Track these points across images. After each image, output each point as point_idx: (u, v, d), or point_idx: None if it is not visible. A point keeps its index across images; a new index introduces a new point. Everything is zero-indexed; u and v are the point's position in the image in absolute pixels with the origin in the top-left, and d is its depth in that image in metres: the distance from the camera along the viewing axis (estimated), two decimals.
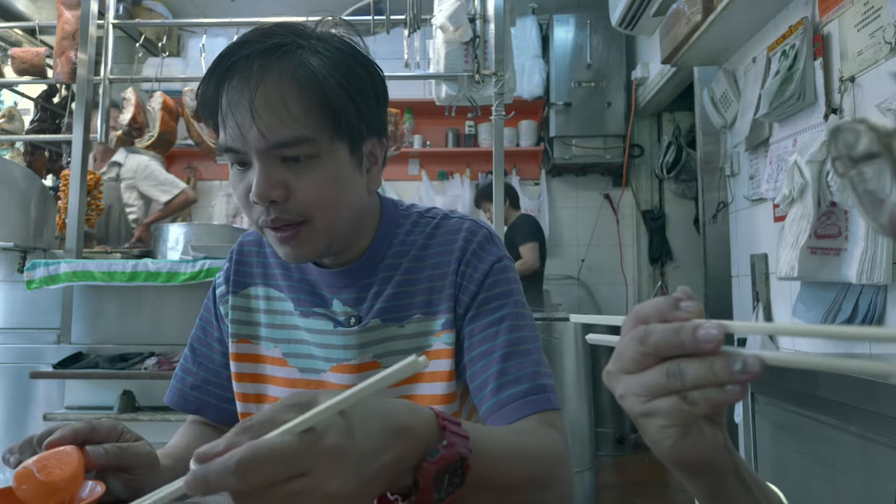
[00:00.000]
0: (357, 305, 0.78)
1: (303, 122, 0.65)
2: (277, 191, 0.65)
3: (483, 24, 2.24)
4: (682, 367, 0.36)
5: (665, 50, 2.41)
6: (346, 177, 0.70)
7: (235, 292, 0.84)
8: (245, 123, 0.64)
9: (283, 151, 0.65)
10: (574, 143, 3.99)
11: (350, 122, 0.68)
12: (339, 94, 0.67)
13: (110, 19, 2.36)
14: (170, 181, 3.10)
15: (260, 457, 0.38)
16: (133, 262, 1.91)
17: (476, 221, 0.81)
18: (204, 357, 0.87)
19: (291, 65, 0.65)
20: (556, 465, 0.64)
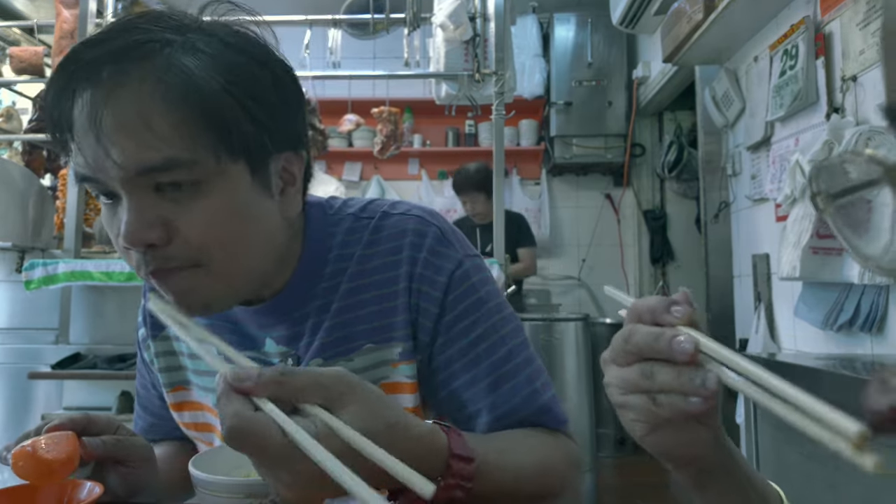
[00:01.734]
0: (293, 343, 0.64)
1: (174, 142, 0.49)
2: (154, 231, 0.51)
3: (483, 22, 2.24)
4: (654, 370, 0.38)
5: (666, 49, 2.41)
6: (248, 205, 0.54)
7: (154, 336, 0.72)
8: (95, 148, 0.49)
9: (157, 176, 0.50)
10: (575, 142, 3.98)
11: (245, 137, 0.52)
12: (228, 103, 0.51)
13: (109, 18, 2.35)
14: None
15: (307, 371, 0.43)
16: None
17: (422, 218, 0.66)
18: (146, 401, 0.79)
19: (157, 67, 0.49)
20: (563, 473, 0.62)
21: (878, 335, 1.57)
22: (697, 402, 0.36)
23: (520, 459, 0.58)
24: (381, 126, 2.60)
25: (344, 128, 2.79)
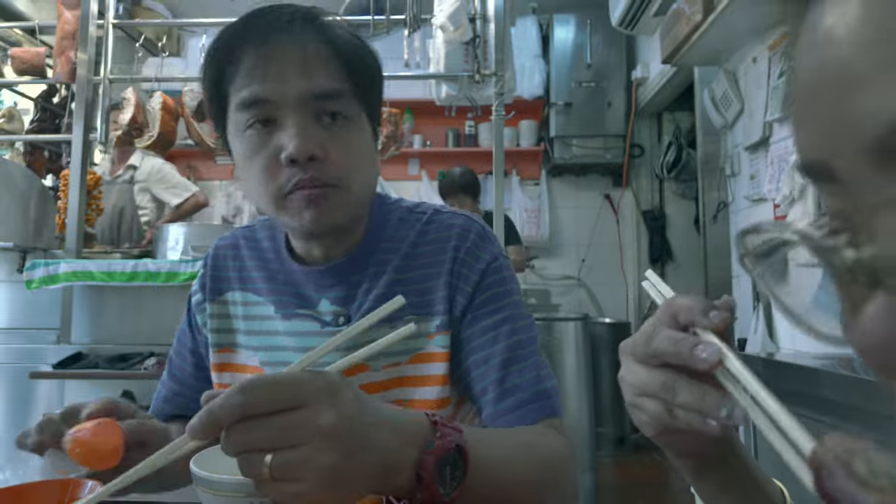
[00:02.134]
0: (346, 304, 0.73)
1: (341, 78, 0.65)
2: (318, 148, 0.63)
3: (483, 23, 2.24)
4: (676, 387, 0.37)
5: (665, 50, 2.41)
6: (369, 150, 0.70)
7: (212, 300, 0.80)
8: (289, 71, 0.62)
9: (323, 104, 0.64)
10: (574, 143, 3.98)
11: (372, 96, 0.69)
12: (367, 69, 0.68)
13: (110, 19, 2.36)
14: (182, 184, 3.11)
15: (264, 379, 0.42)
16: (133, 262, 1.91)
17: (469, 217, 0.77)
18: (178, 369, 0.83)
19: (327, 30, 0.66)
20: (557, 467, 0.63)
21: None
22: (716, 425, 0.35)
23: (508, 440, 0.62)
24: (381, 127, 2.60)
25: None
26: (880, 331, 0.22)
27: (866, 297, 0.22)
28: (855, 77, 0.22)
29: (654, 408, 0.39)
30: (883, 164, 0.21)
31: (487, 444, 0.55)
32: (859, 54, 0.22)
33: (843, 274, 0.23)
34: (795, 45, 0.26)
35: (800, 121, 0.25)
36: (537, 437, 0.65)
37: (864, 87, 0.21)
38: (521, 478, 0.58)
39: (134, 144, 2.38)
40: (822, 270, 0.24)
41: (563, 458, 0.65)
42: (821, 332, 0.26)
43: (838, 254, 0.22)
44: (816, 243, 0.24)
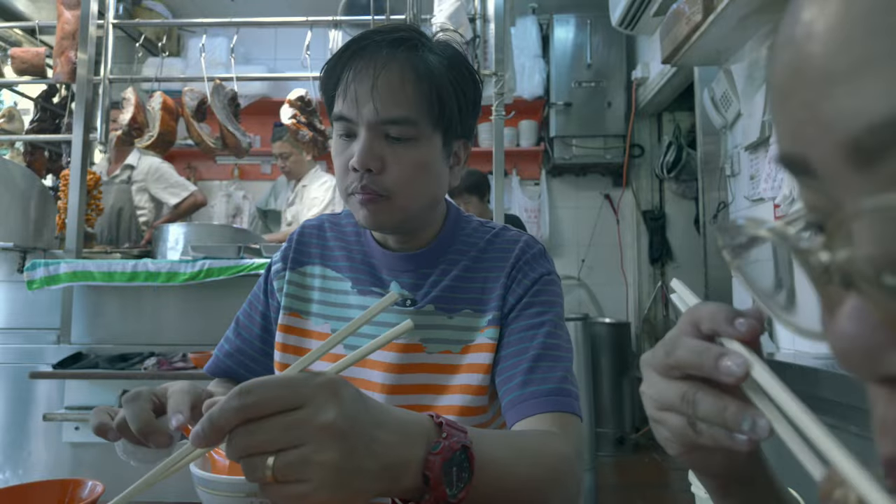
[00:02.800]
0: (414, 290, 0.82)
1: (412, 107, 0.73)
2: (376, 162, 0.73)
3: (483, 23, 2.24)
4: (697, 398, 0.35)
5: (665, 50, 2.41)
6: (434, 165, 0.77)
7: (293, 269, 0.89)
8: (364, 97, 0.72)
9: (389, 129, 0.73)
10: (574, 143, 3.99)
11: (450, 118, 0.76)
12: (448, 90, 0.75)
13: (110, 19, 2.36)
14: (180, 183, 3.11)
15: (262, 381, 0.43)
16: (133, 263, 1.91)
17: (533, 237, 0.87)
18: (244, 329, 0.91)
19: (414, 57, 0.74)
20: (562, 469, 0.63)
21: None
22: (744, 440, 0.33)
23: (514, 441, 0.63)
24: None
25: None
26: (852, 332, 0.21)
27: (841, 298, 0.22)
28: (831, 75, 0.21)
29: (676, 422, 0.36)
30: (858, 164, 0.21)
31: (492, 445, 0.56)
32: (836, 52, 0.21)
33: (818, 275, 0.22)
34: (775, 37, 0.25)
35: (777, 114, 0.25)
36: (544, 437, 0.66)
37: (840, 85, 0.21)
38: (526, 479, 0.59)
39: (134, 144, 2.38)
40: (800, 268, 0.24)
41: (568, 461, 0.65)
42: (799, 327, 0.26)
43: (813, 255, 0.22)
44: (792, 244, 0.24)
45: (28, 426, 1.94)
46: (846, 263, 0.21)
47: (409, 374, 0.78)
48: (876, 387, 0.23)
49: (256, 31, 4.31)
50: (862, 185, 0.21)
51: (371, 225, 0.77)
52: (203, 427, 0.42)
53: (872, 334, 0.21)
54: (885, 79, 0.20)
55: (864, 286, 0.21)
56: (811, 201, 0.25)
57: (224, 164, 4.43)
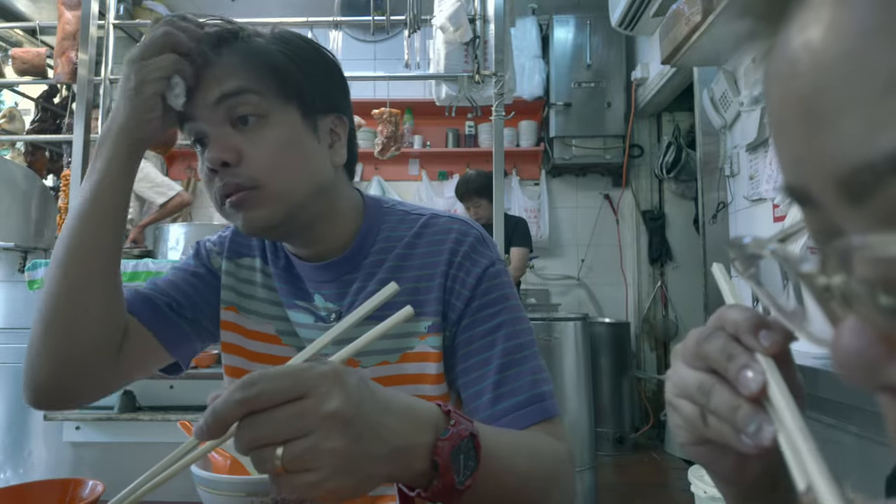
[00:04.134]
0: (338, 301, 0.76)
1: (249, 78, 0.67)
2: (229, 153, 0.66)
3: (483, 24, 2.25)
4: (713, 390, 0.35)
5: (665, 50, 2.42)
6: (300, 142, 0.70)
7: (229, 258, 0.82)
8: (202, 90, 0.68)
9: (230, 108, 0.67)
10: (574, 143, 3.99)
11: (298, 87, 0.69)
12: (283, 60, 0.69)
13: (111, 19, 2.36)
14: (165, 183, 3.12)
15: (265, 373, 0.43)
16: (133, 263, 1.91)
17: (466, 222, 0.78)
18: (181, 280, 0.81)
19: (239, 44, 0.70)
20: (558, 466, 0.64)
21: None
22: (748, 443, 0.33)
23: (514, 437, 0.63)
24: (381, 127, 2.61)
25: None
26: (852, 347, 0.22)
27: (843, 313, 0.23)
28: (817, 114, 0.22)
29: (689, 410, 0.37)
30: (850, 199, 0.22)
31: (496, 438, 0.56)
32: (820, 91, 0.22)
33: (820, 293, 0.23)
34: (767, 66, 0.26)
35: (776, 143, 0.26)
36: (539, 438, 0.66)
37: (826, 125, 0.22)
38: (526, 475, 0.59)
39: None
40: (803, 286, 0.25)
41: (564, 461, 0.65)
42: (811, 334, 0.27)
43: (813, 278, 0.23)
44: (793, 266, 0.24)
45: (28, 426, 1.94)
46: (843, 287, 0.22)
47: None
48: (880, 395, 0.24)
49: None
50: (856, 219, 0.22)
51: (254, 227, 0.69)
52: (207, 420, 0.42)
53: (870, 349, 0.22)
54: (862, 122, 0.20)
55: (860, 307, 0.21)
56: (814, 224, 0.26)
57: None
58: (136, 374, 0.76)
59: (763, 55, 0.27)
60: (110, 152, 0.68)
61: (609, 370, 3.67)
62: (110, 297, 0.70)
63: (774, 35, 0.25)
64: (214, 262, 0.83)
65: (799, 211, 0.27)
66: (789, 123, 0.24)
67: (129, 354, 0.73)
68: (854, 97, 0.21)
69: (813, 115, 0.22)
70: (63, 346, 0.69)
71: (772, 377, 0.33)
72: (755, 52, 1.94)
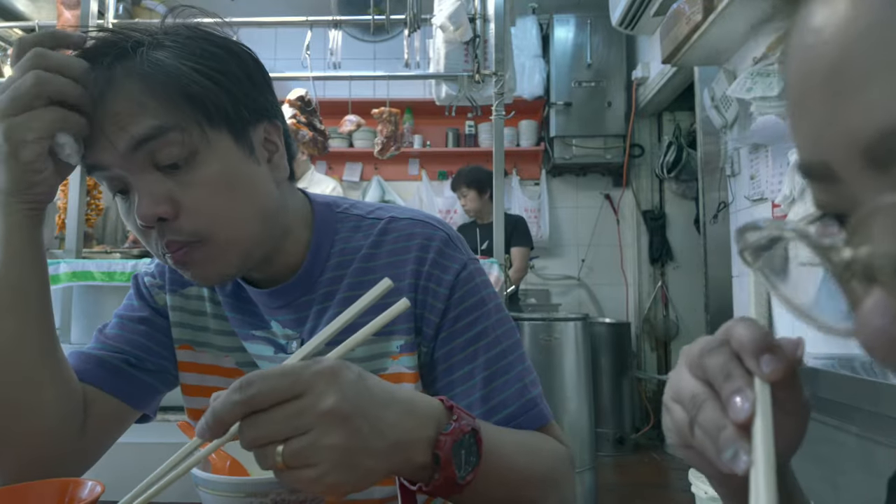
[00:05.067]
0: (298, 327, 0.69)
1: (159, 115, 0.56)
2: (162, 206, 0.56)
3: (483, 23, 2.24)
4: (703, 405, 0.35)
5: (665, 50, 2.41)
6: (240, 172, 0.60)
7: (173, 290, 0.74)
8: (99, 134, 0.56)
9: (153, 154, 0.56)
10: (574, 142, 3.99)
11: (222, 107, 0.59)
12: (197, 79, 0.57)
13: (110, 19, 2.36)
14: None
15: (262, 373, 0.43)
16: (133, 262, 1.91)
17: (430, 223, 0.70)
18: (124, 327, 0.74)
19: (135, 65, 0.56)
20: (558, 466, 0.63)
21: None
22: (728, 461, 0.32)
23: (516, 436, 0.62)
24: (381, 127, 2.60)
25: (344, 128, 2.80)
26: (877, 325, 0.22)
27: (865, 293, 0.23)
28: (843, 82, 0.22)
29: (679, 416, 0.37)
30: (875, 167, 0.22)
31: (497, 435, 0.56)
32: (847, 59, 0.22)
33: (841, 271, 0.23)
34: (787, 43, 0.25)
35: (794, 120, 0.25)
36: (540, 438, 0.65)
37: (852, 93, 0.22)
38: (528, 471, 0.59)
39: None
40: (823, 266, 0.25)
41: (564, 461, 0.65)
42: (825, 325, 0.26)
43: (836, 252, 0.23)
44: (813, 242, 0.24)
45: None
46: (867, 258, 0.21)
47: None
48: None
49: (256, 31, 4.30)
50: (881, 186, 0.22)
51: (208, 281, 0.62)
52: (207, 421, 0.43)
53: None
54: (891, 87, 0.20)
55: (886, 280, 0.21)
56: (830, 203, 0.25)
57: None
58: (108, 442, 0.70)
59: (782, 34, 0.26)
60: (4, 224, 0.58)
61: (609, 370, 3.67)
62: (54, 383, 0.61)
63: (795, 12, 0.25)
64: (159, 299, 0.74)
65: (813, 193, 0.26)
66: (811, 96, 0.24)
67: (95, 427, 0.66)
68: (882, 63, 0.21)
69: (838, 84, 0.22)
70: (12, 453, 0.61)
71: (760, 409, 0.32)
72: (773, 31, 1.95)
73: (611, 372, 3.67)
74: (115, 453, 0.70)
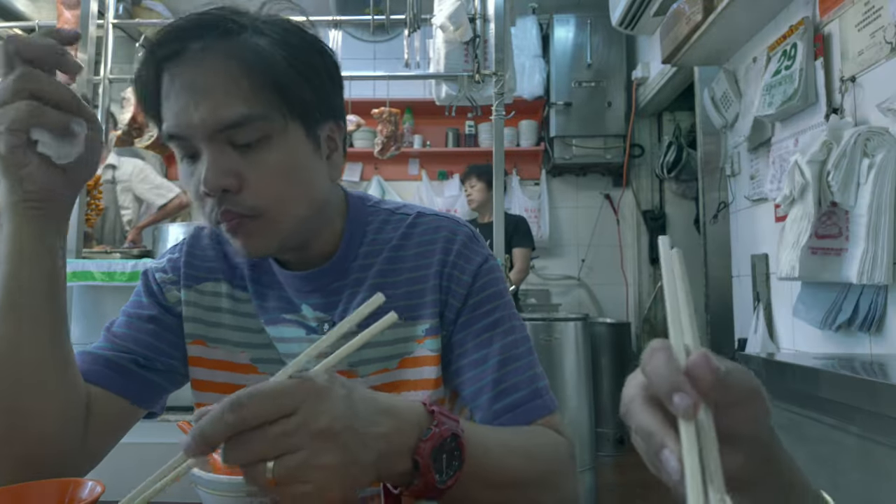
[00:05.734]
0: (330, 310, 0.72)
1: (252, 101, 0.60)
2: (229, 179, 0.60)
3: (483, 23, 2.24)
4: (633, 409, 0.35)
5: (665, 50, 2.41)
6: (304, 162, 0.65)
7: (188, 286, 0.75)
8: (189, 107, 0.59)
9: (232, 135, 0.60)
10: (574, 142, 3.98)
11: (304, 101, 0.63)
12: (289, 72, 0.61)
13: (110, 19, 2.36)
14: (165, 185, 3.14)
15: (251, 391, 0.42)
16: (133, 263, 1.91)
17: (455, 220, 0.76)
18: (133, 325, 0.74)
19: (236, 46, 0.60)
20: (557, 467, 0.63)
21: (876, 335, 1.57)
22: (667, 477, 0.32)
23: (507, 436, 0.62)
24: (381, 127, 2.60)
25: None
26: None
27: None
28: None
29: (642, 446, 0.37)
30: None
31: (485, 438, 0.56)
32: None
33: None
34: None
35: None
36: (539, 436, 0.65)
37: None
38: (520, 473, 0.59)
39: (134, 144, 2.38)
40: None
41: (562, 461, 0.65)
42: None
43: None
44: None
45: None
46: None
47: None
48: None
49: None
50: None
51: (250, 254, 0.64)
52: (194, 439, 0.42)
53: None
54: None
55: None
56: None
57: None
58: (112, 441, 0.70)
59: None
60: (8, 223, 0.58)
61: (609, 370, 3.67)
62: (58, 387, 0.61)
63: None
64: (170, 296, 0.75)
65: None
66: None
67: (99, 427, 0.66)
68: None
69: None
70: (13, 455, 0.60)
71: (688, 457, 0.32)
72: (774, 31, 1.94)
73: (611, 372, 3.67)
74: (115, 453, 0.70)
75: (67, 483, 0.59)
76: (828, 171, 1.58)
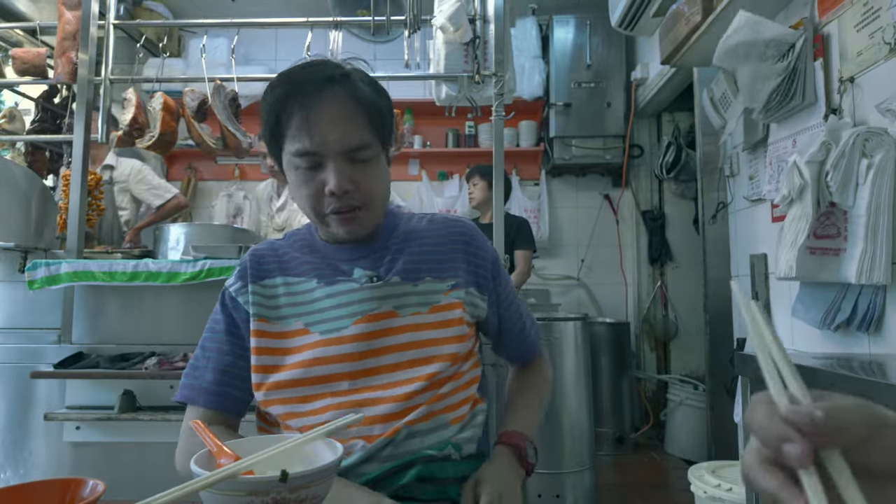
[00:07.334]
0: (376, 269, 0.95)
1: (366, 132, 0.87)
2: (351, 184, 0.87)
3: (483, 24, 2.24)
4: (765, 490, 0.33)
5: (665, 50, 2.42)
6: (386, 174, 0.94)
7: (255, 282, 0.96)
8: (327, 132, 0.85)
9: (354, 154, 0.87)
10: (574, 143, 3.99)
11: (387, 130, 0.92)
12: (382, 111, 0.90)
13: (111, 20, 2.36)
14: (162, 186, 3.14)
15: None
16: (134, 262, 1.91)
17: (462, 218, 1.05)
18: (213, 351, 0.96)
19: (351, 90, 0.87)
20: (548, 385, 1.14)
21: (875, 335, 1.58)
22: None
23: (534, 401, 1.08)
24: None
25: None
26: None
27: None
28: None
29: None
30: None
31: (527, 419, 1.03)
32: None
33: None
34: None
35: None
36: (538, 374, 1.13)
37: None
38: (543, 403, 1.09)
39: (135, 145, 2.38)
40: None
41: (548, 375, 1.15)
42: None
43: None
44: None
45: (29, 426, 1.94)
46: None
47: (384, 337, 0.90)
48: None
49: (257, 31, 4.30)
50: None
51: (353, 236, 0.92)
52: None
53: None
54: None
55: None
56: None
57: (225, 165, 4.43)
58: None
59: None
60: None
61: (609, 370, 3.67)
62: None
63: None
64: (241, 300, 0.96)
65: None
66: None
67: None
68: None
69: None
70: None
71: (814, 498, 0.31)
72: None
73: (610, 372, 3.67)
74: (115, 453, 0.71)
75: (69, 482, 0.59)
76: (826, 171, 1.58)
